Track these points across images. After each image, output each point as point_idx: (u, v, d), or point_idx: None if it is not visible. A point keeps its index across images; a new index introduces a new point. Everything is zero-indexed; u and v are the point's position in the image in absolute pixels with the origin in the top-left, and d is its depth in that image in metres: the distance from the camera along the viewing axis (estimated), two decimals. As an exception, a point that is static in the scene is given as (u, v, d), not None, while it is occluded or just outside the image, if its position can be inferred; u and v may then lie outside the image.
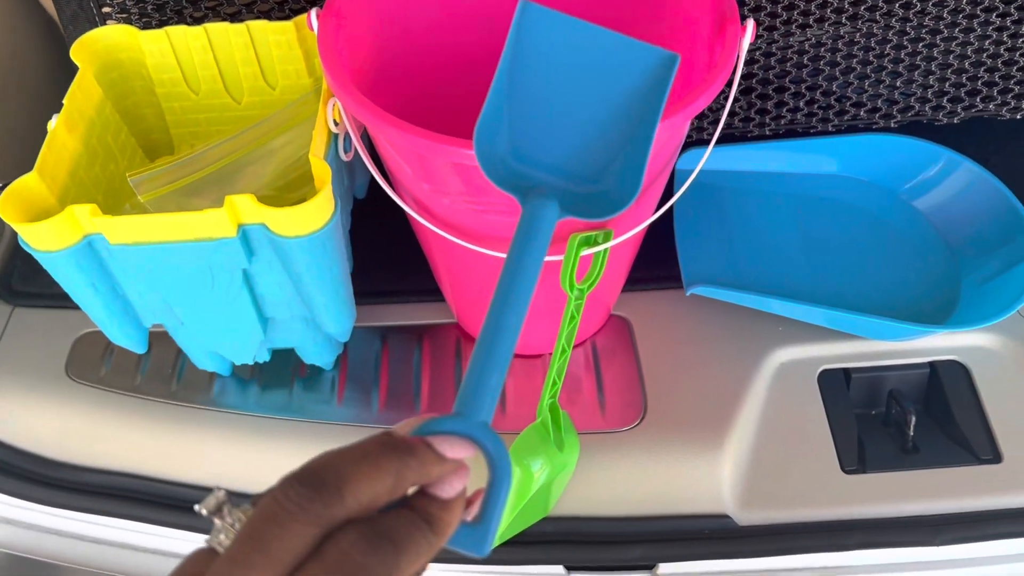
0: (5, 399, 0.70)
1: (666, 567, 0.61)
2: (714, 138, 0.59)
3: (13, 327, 0.74)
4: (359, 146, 0.58)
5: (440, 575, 0.63)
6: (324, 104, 0.58)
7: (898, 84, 0.79)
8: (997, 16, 0.74)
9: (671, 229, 0.73)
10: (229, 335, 0.62)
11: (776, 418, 0.65)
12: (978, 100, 0.80)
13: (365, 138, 0.63)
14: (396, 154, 0.54)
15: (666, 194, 0.62)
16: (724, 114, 0.58)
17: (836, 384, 0.67)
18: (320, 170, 0.54)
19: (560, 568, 0.61)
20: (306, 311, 0.62)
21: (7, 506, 0.67)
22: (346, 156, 0.60)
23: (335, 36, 0.54)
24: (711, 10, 0.55)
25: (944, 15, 0.74)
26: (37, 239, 0.53)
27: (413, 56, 0.65)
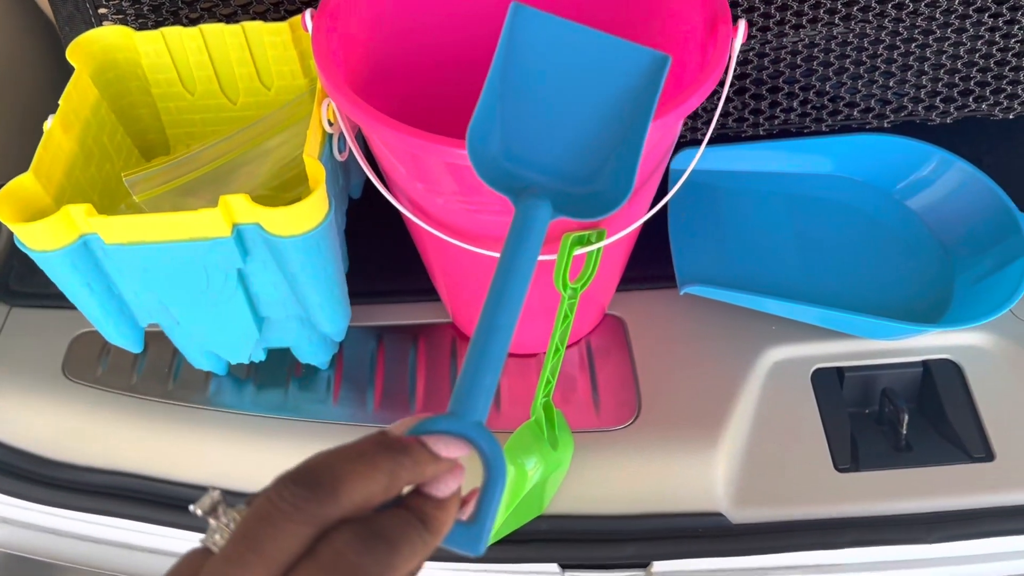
0: (2, 399, 0.70)
1: (660, 565, 0.61)
2: (707, 138, 0.59)
3: (9, 327, 0.74)
4: (353, 146, 0.59)
5: (435, 574, 0.64)
6: (319, 104, 0.58)
7: (891, 84, 0.79)
8: (989, 16, 0.74)
9: (665, 229, 0.73)
10: (224, 334, 0.63)
11: (770, 417, 0.65)
12: (971, 100, 0.80)
13: (360, 138, 0.63)
14: (390, 154, 0.54)
15: (660, 194, 0.62)
16: (717, 114, 0.58)
17: (829, 383, 0.67)
18: (314, 170, 0.54)
19: (555, 566, 0.62)
20: (301, 311, 0.62)
21: (3, 505, 0.68)
22: (341, 156, 0.60)
23: (329, 37, 0.54)
24: (703, 11, 0.55)
25: (937, 15, 0.74)
26: (33, 239, 0.53)
27: (407, 56, 0.65)
